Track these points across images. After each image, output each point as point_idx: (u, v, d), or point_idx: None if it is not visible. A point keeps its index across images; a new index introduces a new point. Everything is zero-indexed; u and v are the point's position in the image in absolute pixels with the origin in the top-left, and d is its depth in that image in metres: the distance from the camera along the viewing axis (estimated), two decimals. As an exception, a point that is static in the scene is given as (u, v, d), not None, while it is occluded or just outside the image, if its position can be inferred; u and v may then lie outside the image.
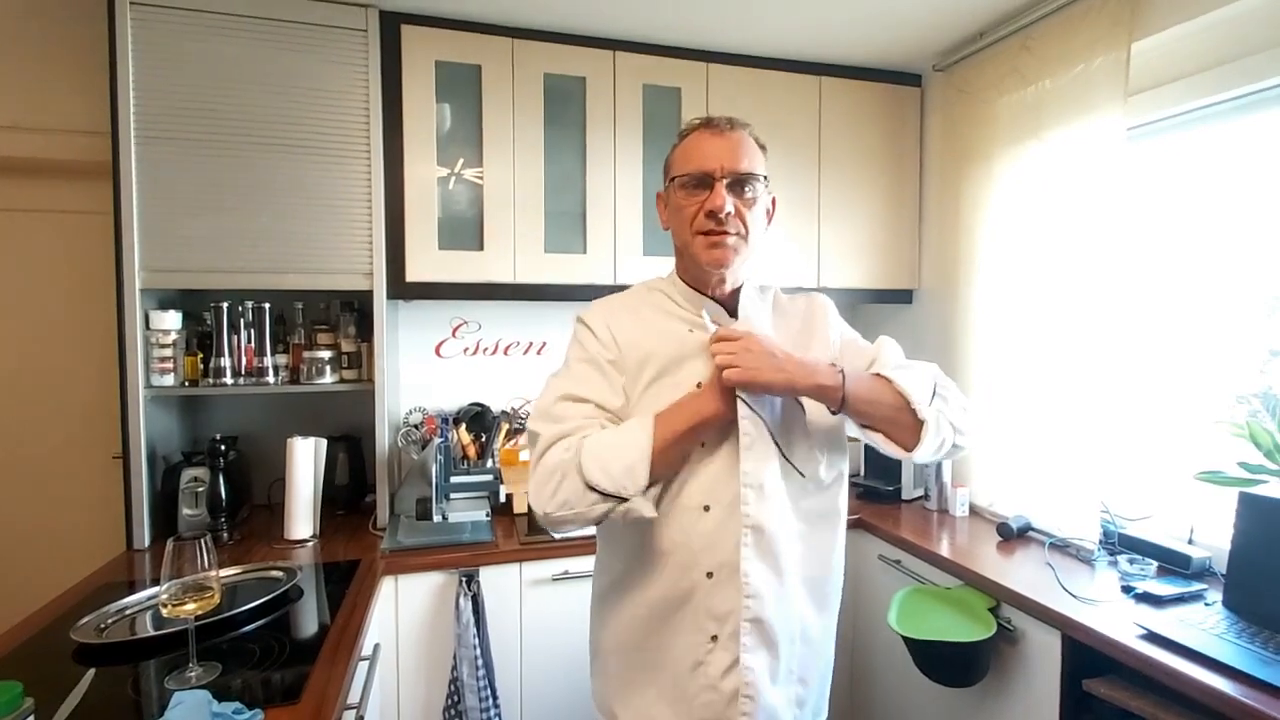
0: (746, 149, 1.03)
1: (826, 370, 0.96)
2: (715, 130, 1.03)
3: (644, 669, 1.03)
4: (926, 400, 0.98)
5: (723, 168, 1.00)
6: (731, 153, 1.01)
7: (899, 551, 1.88)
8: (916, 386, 0.98)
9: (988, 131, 2.01)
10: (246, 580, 1.51)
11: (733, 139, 1.03)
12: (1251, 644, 1.20)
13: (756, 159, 1.04)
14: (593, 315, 1.09)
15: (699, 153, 1.02)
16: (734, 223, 1.01)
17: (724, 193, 0.99)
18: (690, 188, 1.02)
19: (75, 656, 1.15)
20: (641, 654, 1.03)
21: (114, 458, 1.87)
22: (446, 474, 1.98)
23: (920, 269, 2.39)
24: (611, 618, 1.07)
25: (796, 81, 2.22)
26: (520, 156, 1.99)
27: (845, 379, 0.96)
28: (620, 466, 0.92)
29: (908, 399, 0.97)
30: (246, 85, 1.75)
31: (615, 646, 1.07)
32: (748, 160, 1.02)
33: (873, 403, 0.98)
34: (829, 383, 0.95)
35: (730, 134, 1.03)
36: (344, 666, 1.14)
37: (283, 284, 1.80)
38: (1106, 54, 1.66)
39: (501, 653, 1.72)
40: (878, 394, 0.98)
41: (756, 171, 1.03)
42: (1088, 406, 1.72)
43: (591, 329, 1.07)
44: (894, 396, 0.98)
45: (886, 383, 0.99)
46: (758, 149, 1.06)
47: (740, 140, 1.03)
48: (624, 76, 2.06)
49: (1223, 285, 1.66)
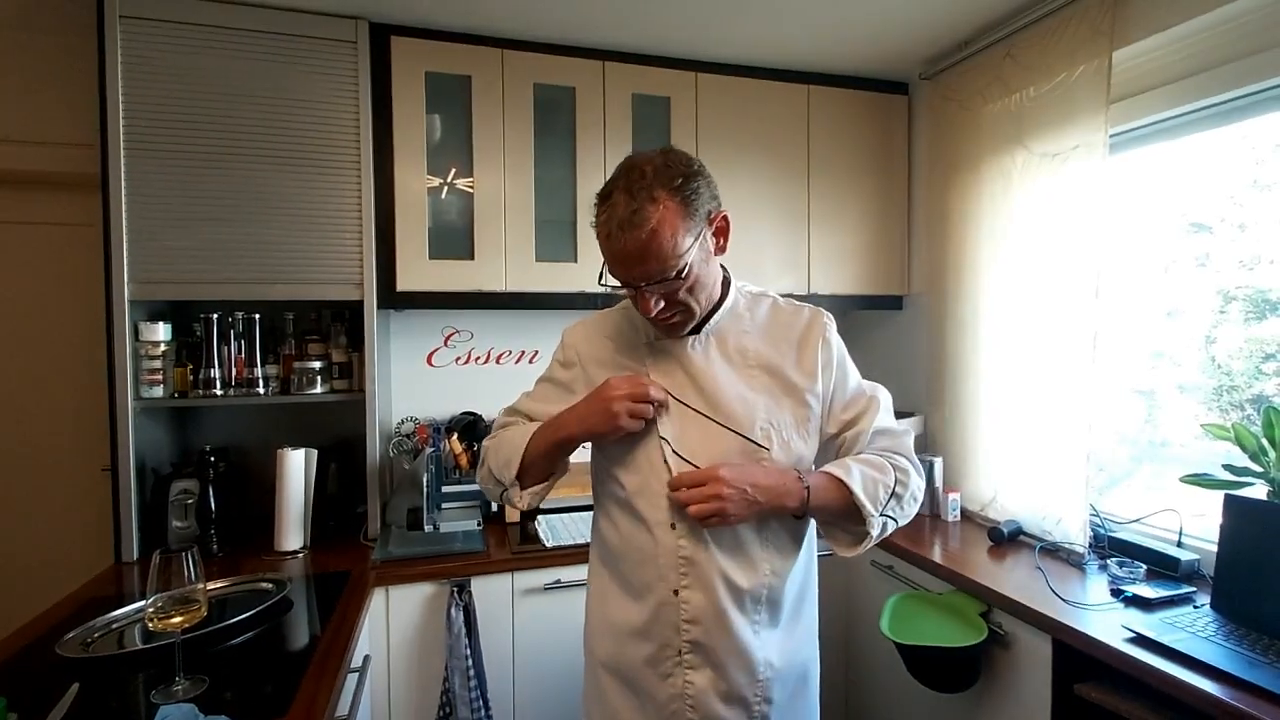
0: (655, 245, 0.93)
1: (794, 491, 1.00)
2: (620, 229, 0.93)
3: (617, 675, 1.08)
4: (878, 510, 1.02)
5: (633, 279, 0.97)
6: (641, 258, 0.94)
7: (891, 557, 1.88)
8: (873, 495, 1.02)
9: (974, 139, 2.03)
10: (236, 593, 1.50)
11: (636, 248, 0.93)
12: (1239, 646, 1.20)
13: (671, 244, 0.93)
14: (572, 335, 1.18)
15: (613, 262, 0.98)
16: (670, 309, 1.01)
17: (647, 299, 0.98)
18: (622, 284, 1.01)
19: (61, 671, 1.14)
20: (616, 660, 1.08)
21: (103, 470, 1.86)
22: (438, 483, 1.98)
23: (910, 275, 2.41)
24: (593, 623, 1.14)
25: (785, 90, 2.24)
26: (510, 166, 2.00)
27: (809, 495, 1.00)
28: (503, 459, 1.10)
29: (861, 511, 1.01)
30: (236, 97, 1.76)
31: (593, 651, 1.13)
32: (659, 260, 0.93)
33: (828, 512, 1.04)
34: (793, 504, 1.01)
35: (632, 243, 0.93)
36: (333, 678, 1.14)
37: (273, 294, 1.80)
38: (1088, 62, 1.68)
39: (494, 663, 1.71)
40: (834, 504, 1.03)
41: (673, 266, 0.94)
42: (1076, 409, 1.73)
43: (564, 350, 1.18)
44: (850, 508, 1.02)
45: (845, 493, 1.01)
46: (677, 215, 0.94)
47: (646, 242, 0.92)
48: (613, 86, 2.07)
49: (1207, 290, 1.68)
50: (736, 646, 1.01)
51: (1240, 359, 1.65)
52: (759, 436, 1.02)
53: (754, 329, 1.10)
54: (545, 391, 1.18)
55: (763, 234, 2.22)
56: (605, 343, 1.14)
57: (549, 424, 1.08)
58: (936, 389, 2.19)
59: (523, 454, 1.07)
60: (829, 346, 1.10)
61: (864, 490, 1.01)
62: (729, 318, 1.09)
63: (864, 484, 1.02)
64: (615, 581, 1.09)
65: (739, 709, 1.03)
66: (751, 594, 1.03)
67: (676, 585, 1.01)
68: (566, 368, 1.16)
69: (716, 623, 1.00)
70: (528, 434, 1.09)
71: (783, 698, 1.06)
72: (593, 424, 1.02)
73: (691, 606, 1.01)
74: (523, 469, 1.07)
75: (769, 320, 1.12)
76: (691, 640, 1.01)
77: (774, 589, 1.05)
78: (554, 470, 1.12)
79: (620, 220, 0.93)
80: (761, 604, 1.04)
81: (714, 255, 1.03)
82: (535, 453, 1.07)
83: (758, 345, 1.08)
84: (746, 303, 1.12)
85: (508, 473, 1.08)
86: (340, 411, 2.03)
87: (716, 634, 1.01)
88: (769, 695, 1.04)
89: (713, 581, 1.00)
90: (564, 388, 1.15)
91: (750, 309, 1.12)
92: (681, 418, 1.04)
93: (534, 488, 1.10)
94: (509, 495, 1.10)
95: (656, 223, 0.93)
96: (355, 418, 1.90)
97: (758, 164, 2.21)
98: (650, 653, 1.04)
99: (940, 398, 2.17)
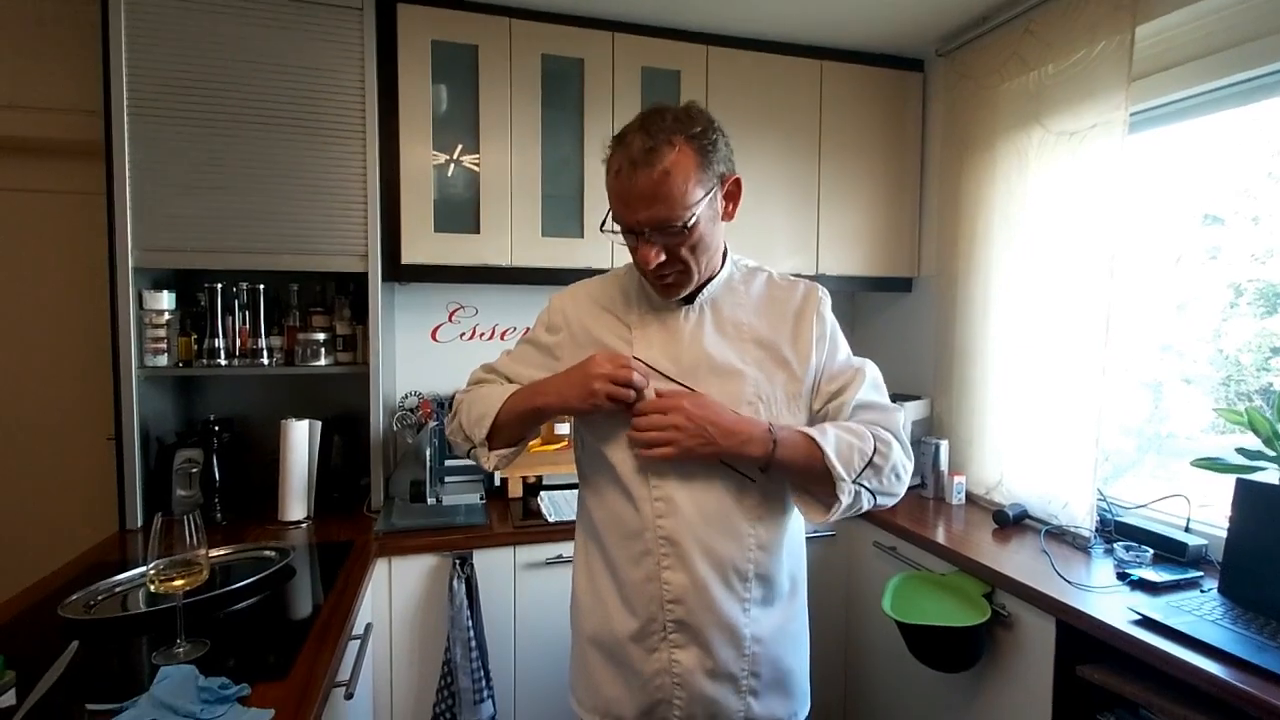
0: (669, 186, 0.90)
1: (759, 438, 0.96)
2: (628, 180, 0.91)
3: (602, 650, 1.07)
4: (850, 475, 0.97)
5: (639, 223, 0.93)
6: (650, 200, 0.91)
7: (894, 538, 1.87)
8: (846, 460, 0.97)
9: (990, 117, 1.99)
10: (239, 560, 1.51)
11: (648, 185, 0.90)
12: (1246, 630, 1.19)
13: (684, 189, 0.91)
14: (560, 299, 1.15)
15: (620, 202, 0.95)
16: (670, 265, 0.97)
17: (648, 248, 0.94)
18: (623, 232, 0.98)
19: (63, 632, 1.14)
20: (601, 636, 1.07)
21: (107, 439, 1.86)
22: (441, 458, 1.98)
23: (920, 257, 2.38)
24: (579, 598, 1.13)
25: (797, 65, 2.19)
26: (517, 138, 1.97)
27: (776, 448, 0.96)
28: (475, 415, 1.07)
29: (831, 473, 0.96)
30: (240, 63, 1.73)
31: (579, 626, 1.13)
32: (668, 205, 0.91)
33: (796, 470, 0.99)
34: (757, 452, 0.96)
35: (647, 174, 0.90)
36: (333, 644, 1.14)
37: (277, 265, 1.79)
38: (1110, 38, 1.63)
39: (495, 634, 1.72)
40: (803, 462, 0.97)
41: (682, 213, 0.92)
42: (1085, 394, 1.71)
43: (550, 313, 1.14)
44: (821, 471, 0.97)
45: (817, 453, 0.96)
46: (692, 161, 0.92)
47: (660, 181, 0.90)
48: (623, 58, 2.04)
49: (1218, 282, 1.66)
50: (722, 624, 0.99)
51: (1249, 352, 1.62)
52: (747, 411, 1.00)
53: (749, 302, 1.08)
54: (526, 354, 1.15)
55: (772, 213, 2.19)
56: (593, 308, 1.11)
57: (527, 390, 1.06)
58: (944, 372, 2.17)
59: (496, 415, 1.05)
60: (823, 321, 1.08)
61: (836, 453, 0.96)
62: (724, 289, 1.07)
63: (837, 446, 0.97)
64: (600, 558, 1.08)
65: (727, 686, 1.01)
66: (738, 570, 1.00)
67: (659, 563, 0.99)
68: (551, 332, 1.12)
69: (700, 601, 0.98)
70: (504, 395, 1.06)
71: (772, 673, 1.04)
72: (569, 398, 0.99)
73: (674, 587, 0.99)
74: (494, 430, 1.05)
75: (764, 294, 1.09)
76: (676, 620, 1.00)
77: (762, 564, 1.02)
78: (525, 436, 1.10)
79: (634, 157, 0.90)
80: (750, 580, 1.01)
81: (721, 220, 1.01)
82: (509, 416, 1.05)
83: (751, 319, 1.06)
84: (742, 275, 1.10)
85: (478, 431, 1.06)
86: (344, 384, 2.03)
87: (701, 612, 0.99)
88: (757, 670, 1.03)
89: (695, 560, 0.98)
90: (546, 352, 1.12)
91: (745, 282, 1.10)
92: (664, 390, 1.01)
93: (502, 450, 1.08)
94: (476, 454, 1.09)
95: (670, 164, 0.90)
96: (359, 391, 1.90)
97: (768, 141, 2.17)
98: (635, 629, 1.02)
99: (948, 381, 2.15)
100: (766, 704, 1.04)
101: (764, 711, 1.04)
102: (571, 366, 1.03)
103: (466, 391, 1.15)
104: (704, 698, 1.01)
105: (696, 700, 1.01)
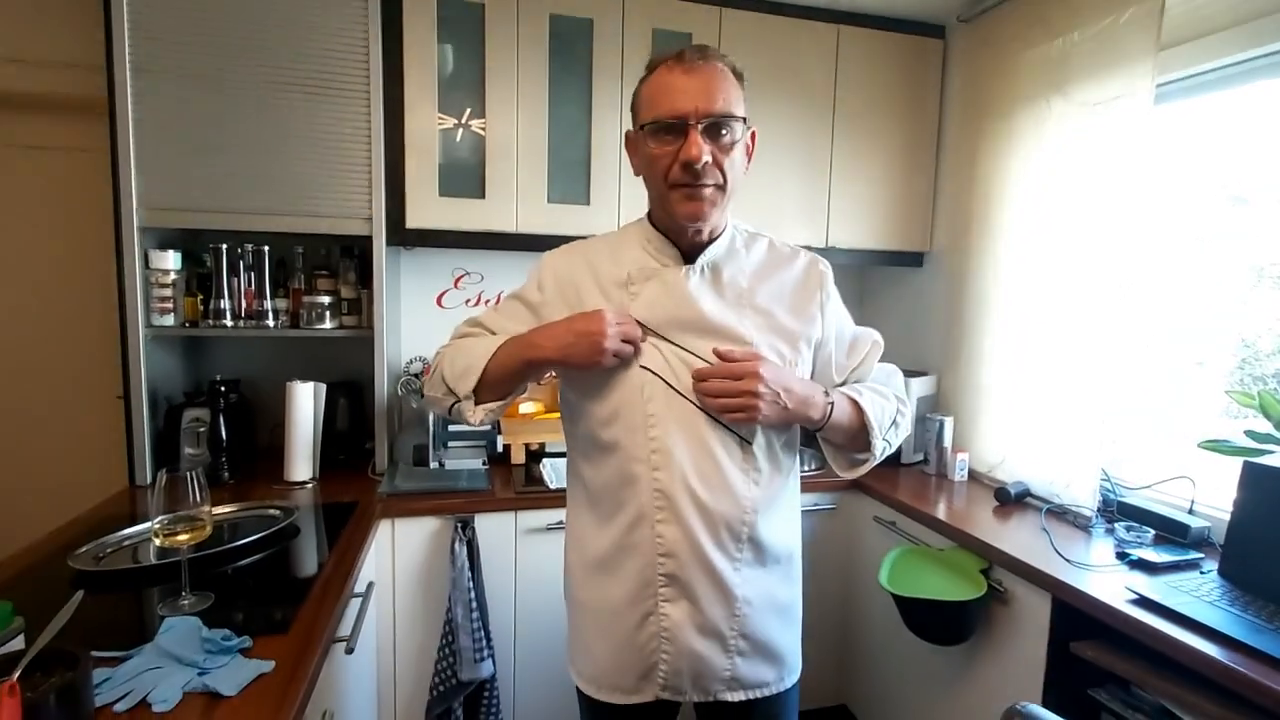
0: (722, 85, 0.93)
1: (819, 404, 1.02)
2: (687, 66, 0.93)
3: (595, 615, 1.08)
4: (881, 434, 1.07)
5: (697, 110, 0.92)
6: (706, 92, 0.92)
7: (894, 513, 1.88)
8: (879, 420, 1.07)
9: (1010, 87, 1.93)
10: (244, 517, 1.53)
11: (706, 74, 0.93)
12: (1244, 612, 1.19)
13: (734, 96, 0.95)
14: (553, 257, 1.12)
15: (669, 94, 0.93)
16: (711, 172, 0.95)
17: (699, 140, 0.92)
18: (662, 135, 0.95)
19: (72, 583, 1.17)
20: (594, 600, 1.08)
21: (116, 397, 1.89)
22: (445, 423, 1.99)
23: (933, 231, 2.33)
24: (572, 565, 1.13)
25: (814, 30, 2.13)
26: (524, 102, 1.94)
27: (831, 412, 1.03)
28: (460, 368, 1.03)
29: (869, 432, 1.06)
30: (244, 20, 1.70)
31: (573, 594, 1.13)
32: (724, 99, 0.93)
33: (841, 430, 1.06)
34: (817, 417, 1.02)
35: (703, 68, 0.93)
36: (335, 601, 1.16)
37: (281, 226, 1.78)
38: (1141, 3, 1.57)
39: (495, 597, 1.75)
40: (848, 424, 1.06)
41: (734, 112, 0.94)
42: (1094, 374, 1.68)
43: (541, 271, 1.11)
44: (858, 430, 1.06)
45: (859, 416, 1.05)
46: (735, 82, 0.96)
47: (715, 75, 0.93)
48: (633, 19, 1.99)
49: (1242, 254, 1.61)
50: (713, 579, 0.99)
51: (1268, 337, 1.59)
52: None
53: (749, 267, 1.06)
54: (514, 309, 1.11)
55: (782, 184, 2.15)
56: (586, 268, 1.07)
57: (519, 340, 1.02)
58: (952, 349, 2.15)
59: (484, 367, 1.01)
60: (828, 295, 1.09)
61: (874, 415, 1.06)
62: (727, 253, 1.06)
63: (873, 409, 1.06)
64: (593, 522, 1.06)
65: (715, 642, 1.01)
66: (730, 528, 1.00)
67: (653, 519, 0.99)
68: (542, 290, 1.09)
69: (692, 555, 0.98)
70: (492, 347, 1.02)
71: (761, 635, 1.04)
72: (573, 353, 0.96)
73: (667, 540, 0.98)
74: (481, 383, 1.01)
75: (765, 260, 1.08)
76: (667, 573, 0.99)
77: (756, 527, 1.01)
78: (513, 390, 1.06)
79: (694, 51, 0.94)
80: (743, 542, 1.01)
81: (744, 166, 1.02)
82: (500, 368, 1.01)
83: (752, 284, 1.05)
84: (744, 240, 1.09)
85: (463, 384, 1.02)
86: (349, 348, 2.04)
87: (692, 567, 0.99)
88: (745, 631, 1.03)
89: (689, 515, 0.98)
90: (534, 310, 1.09)
91: (746, 246, 1.08)
92: (663, 350, 1.00)
93: (489, 404, 1.04)
94: (460, 409, 1.04)
95: (725, 70, 0.96)
96: (363, 355, 1.91)
97: (780, 108, 2.12)
98: (628, 591, 1.02)
99: (955, 357, 2.13)
100: (754, 667, 1.05)
101: (750, 673, 1.05)
102: (572, 317, 1.00)
103: (447, 346, 1.11)
104: (691, 652, 1.01)
105: (683, 655, 1.01)
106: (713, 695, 1.04)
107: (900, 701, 1.86)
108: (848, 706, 2.12)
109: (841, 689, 2.13)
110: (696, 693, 1.04)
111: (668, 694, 1.04)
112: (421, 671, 1.72)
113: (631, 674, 1.04)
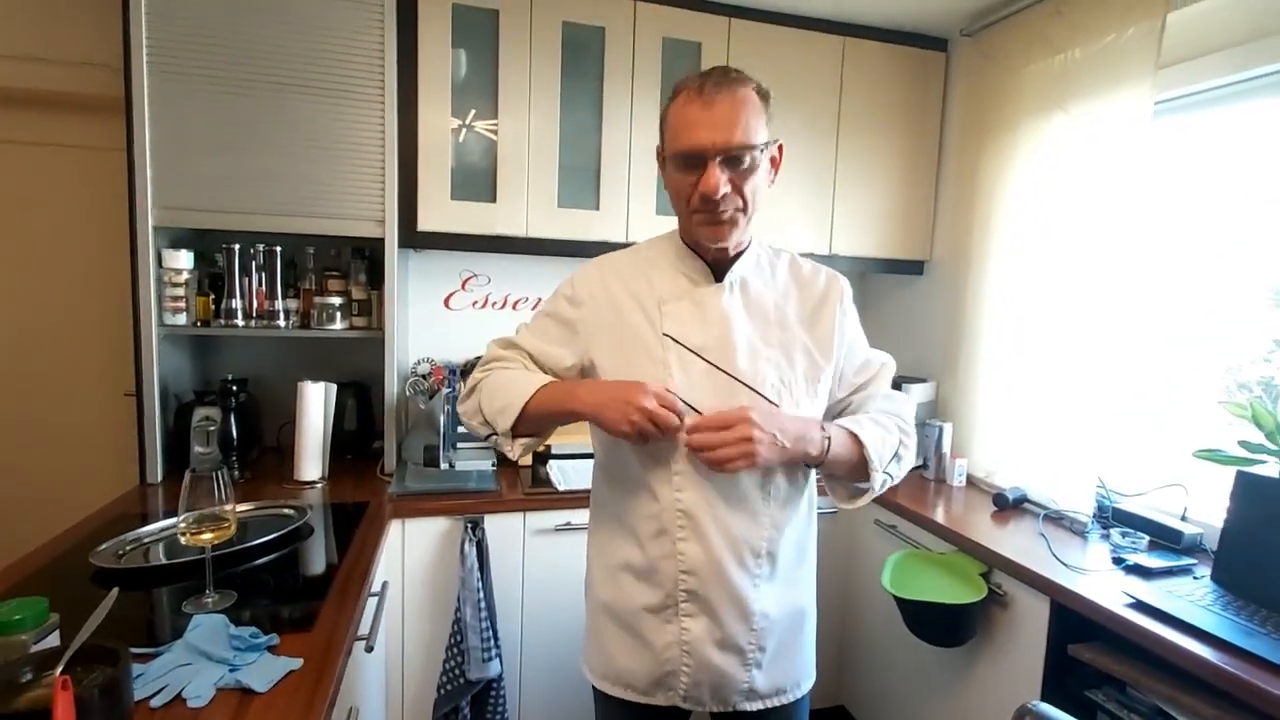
0: (743, 113, 0.94)
1: (817, 440, 1.00)
2: (706, 99, 0.94)
3: (617, 620, 1.09)
4: (882, 467, 1.04)
5: (714, 145, 0.94)
6: (725, 126, 0.93)
7: (895, 517, 1.91)
8: (879, 453, 1.04)
9: (1012, 101, 1.98)
10: (259, 516, 1.55)
11: (725, 105, 0.94)
12: (1236, 616, 1.23)
13: (754, 124, 0.95)
14: (584, 273, 1.13)
15: (689, 128, 0.95)
16: (731, 200, 0.97)
17: (717, 173, 0.94)
18: (682, 166, 0.98)
19: (95, 580, 1.19)
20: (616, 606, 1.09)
21: (126, 394, 1.90)
22: (454, 424, 2.01)
23: (933, 240, 2.38)
24: (594, 569, 1.15)
25: (819, 41, 2.17)
26: (536, 108, 1.96)
27: (830, 445, 1.01)
28: (499, 405, 1.05)
29: (868, 465, 1.03)
30: (262, 22, 1.72)
31: (595, 595, 1.14)
32: (743, 131, 0.94)
33: (840, 464, 1.04)
34: (815, 453, 1.00)
35: (723, 99, 0.94)
36: (355, 600, 1.18)
37: (294, 227, 1.79)
38: (1140, 23, 1.62)
39: (504, 598, 1.77)
40: (847, 457, 1.04)
41: (753, 142, 0.95)
42: (1090, 383, 1.73)
43: (574, 286, 1.11)
44: (858, 464, 1.04)
45: (859, 449, 1.03)
46: (759, 106, 0.97)
47: (736, 107, 0.94)
48: (644, 28, 2.01)
49: (1234, 270, 1.66)
50: (733, 596, 1.02)
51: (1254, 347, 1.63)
52: (770, 393, 1.02)
53: (774, 284, 1.09)
54: (546, 328, 1.13)
55: (787, 191, 2.19)
56: (620, 283, 1.08)
57: (561, 388, 1.04)
58: (951, 356, 2.19)
59: (523, 407, 1.02)
60: (845, 313, 1.12)
61: (873, 448, 1.03)
62: (752, 268, 1.09)
63: (873, 442, 1.04)
64: (617, 531, 1.09)
65: (734, 656, 1.04)
66: (752, 548, 1.02)
67: (675, 537, 1.01)
68: (574, 305, 1.10)
69: (713, 574, 1.01)
70: (531, 388, 1.03)
71: (777, 647, 1.07)
72: (603, 416, 0.96)
73: (689, 558, 1.01)
74: (520, 420, 1.03)
75: (788, 277, 1.11)
76: (688, 590, 1.02)
77: (774, 542, 1.04)
78: (550, 430, 1.11)
79: (714, 81, 0.95)
80: (762, 557, 1.03)
81: (768, 183, 1.03)
82: (537, 411, 1.03)
83: (777, 300, 1.08)
84: (768, 257, 1.12)
85: (502, 421, 1.04)
86: (358, 349, 2.05)
87: (713, 584, 1.01)
88: (764, 644, 1.05)
89: (710, 534, 1.00)
90: (567, 326, 1.10)
91: (771, 264, 1.12)
92: (692, 368, 1.02)
93: (526, 440, 1.07)
94: (499, 442, 1.07)
95: (745, 96, 0.96)
96: (373, 356, 1.92)
97: (787, 118, 2.16)
98: (651, 600, 1.04)
99: (954, 364, 2.17)
100: (771, 676, 1.07)
101: (768, 684, 1.07)
102: (617, 383, 1.00)
103: (486, 371, 1.12)
104: (711, 667, 1.04)
105: (704, 669, 1.04)
106: (731, 706, 1.07)
107: (899, 703, 1.90)
108: (846, 707, 2.16)
109: (841, 690, 2.17)
110: (715, 704, 1.07)
111: (688, 704, 1.07)
112: (429, 670, 1.74)
113: (645, 676, 1.07)
